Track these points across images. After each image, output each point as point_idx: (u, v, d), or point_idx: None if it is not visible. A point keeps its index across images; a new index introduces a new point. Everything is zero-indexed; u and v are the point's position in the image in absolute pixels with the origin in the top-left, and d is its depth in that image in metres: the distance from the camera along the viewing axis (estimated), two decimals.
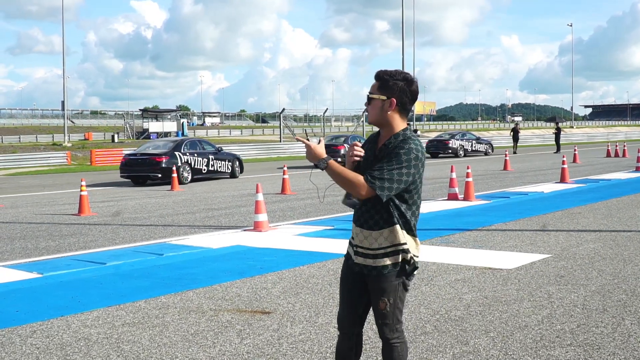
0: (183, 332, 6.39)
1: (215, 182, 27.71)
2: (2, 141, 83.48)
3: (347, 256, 4.16)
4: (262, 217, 12.89)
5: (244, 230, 12.94)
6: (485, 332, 6.09)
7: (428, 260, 9.35)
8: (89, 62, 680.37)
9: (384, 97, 3.93)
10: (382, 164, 3.83)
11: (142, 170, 26.85)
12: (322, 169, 3.83)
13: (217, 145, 30.44)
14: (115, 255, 10.60)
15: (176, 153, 26.86)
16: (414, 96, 3.98)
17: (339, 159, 21.07)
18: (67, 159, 47.99)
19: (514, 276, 8.31)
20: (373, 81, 4.01)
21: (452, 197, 17.20)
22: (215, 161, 28.60)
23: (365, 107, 4.04)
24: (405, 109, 3.98)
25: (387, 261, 3.93)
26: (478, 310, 6.83)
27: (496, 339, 5.87)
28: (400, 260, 3.93)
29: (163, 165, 26.22)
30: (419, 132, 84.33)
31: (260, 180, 26.81)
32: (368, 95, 3.99)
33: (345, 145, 35.77)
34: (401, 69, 4.07)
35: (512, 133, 50.10)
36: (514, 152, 46.03)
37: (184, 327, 6.56)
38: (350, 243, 4.15)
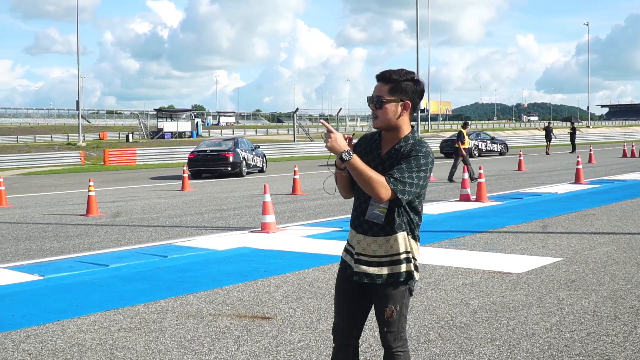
0: (179, 338, 6.21)
1: (226, 182, 27.60)
2: (17, 140, 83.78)
3: (344, 265, 3.96)
4: (270, 218, 12.71)
5: (251, 232, 12.76)
6: (491, 340, 5.88)
7: (436, 264, 9.14)
8: (105, 61, 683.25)
9: (399, 100, 3.73)
10: (402, 166, 3.63)
11: (213, 165, 30.42)
12: (345, 161, 3.58)
13: (254, 144, 33.99)
14: (119, 257, 10.44)
15: (238, 150, 30.73)
16: (422, 97, 3.82)
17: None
18: (80, 159, 48.03)
19: (523, 281, 8.08)
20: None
21: (464, 198, 16.97)
22: (255, 157, 32.64)
23: (373, 111, 3.79)
24: (414, 110, 3.81)
25: (395, 269, 3.75)
26: (485, 316, 6.61)
27: (502, 348, 5.65)
28: (405, 269, 3.76)
29: (231, 160, 30.14)
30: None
31: (273, 180, 26.72)
32: (381, 99, 3.73)
33: None
34: (405, 68, 3.81)
35: (544, 133, 48.70)
36: (547, 153, 45.18)
37: (181, 332, 6.38)
38: (347, 251, 3.95)
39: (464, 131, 24.18)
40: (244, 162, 30.97)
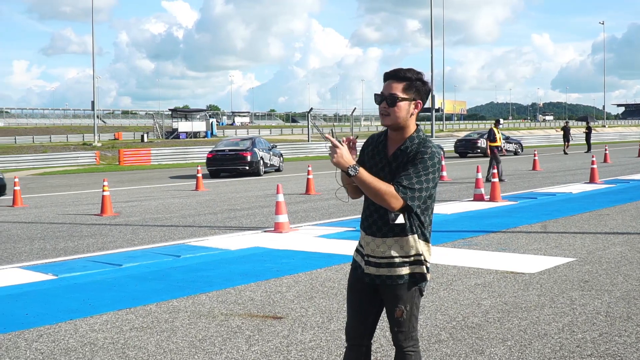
0: (191, 337, 6.23)
1: (240, 182, 27.64)
2: (33, 141, 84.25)
3: (355, 265, 3.95)
4: (283, 218, 12.72)
5: (264, 232, 12.78)
6: (502, 340, 5.85)
7: (448, 264, 9.12)
8: (121, 62, 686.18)
9: (411, 99, 3.72)
10: (409, 171, 3.60)
11: (231, 164, 30.92)
12: (352, 176, 3.56)
13: (271, 144, 34.63)
14: (132, 256, 10.48)
15: (255, 149, 31.21)
16: (428, 97, 3.81)
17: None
18: (95, 159, 48.22)
19: (536, 281, 8.05)
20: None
21: (478, 197, 16.92)
22: (272, 156, 33.16)
23: (385, 108, 3.73)
24: (421, 111, 3.80)
25: (404, 271, 3.74)
26: (497, 317, 6.59)
27: (513, 348, 5.63)
28: (417, 270, 3.76)
29: (249, 159, 30.69)
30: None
31: (287, 179, 26.75)
32: (396, 97, 3.69)
33: None
34: (414, 68, 3.79)
35: (562, 132, 48.08)
36: (565, 153, 44.78)
37: (193, 332, 6.39)
38: (358, 252, 3.94)
39: (496, 129, 23.64)
40: (262, 161, 31.42)
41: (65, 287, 8.55)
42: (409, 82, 3.70)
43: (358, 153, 3.86)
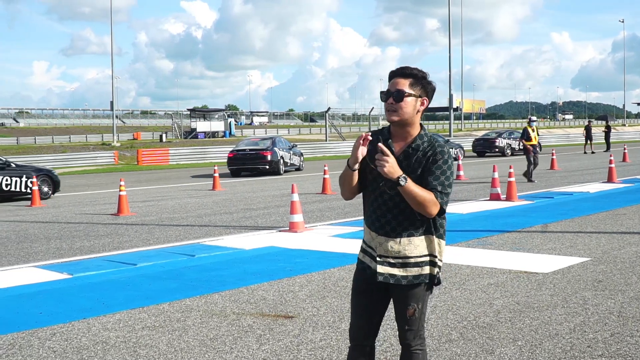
0: (202, 336, 6.26)
1: (257, 181, 27.71)
2: (52, 141, 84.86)
3: (363, 266, 3.92)
4: (298, 217, 12.74)
5: (279, 231, 12.81)
6: (513, 340, 5.84)
7: (462, 263, 9.11)
8: (140, 62, 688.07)
9: (417, 95, 3.73)
10: (438, 175, 3.63)
11: (251, 163, 31.46)
12: (401, 186, 3.55)
13: (291, 143, 35.37)
14: (147, 256, 10.54)
15: (275, 149, 31.63)
16: (433, 96, 3.83)
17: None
18: (114, 159, 48.48)
19: (549, 280, 8.02)
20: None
21: (494, 197, 16.87)
22: (292, 156, 33.64)
23: (392, 104, 3.73)
24: (427, 109, 3.82)
25: (420, 271, 3.75)
26: (508, 316, 6.57)
27: (524, 348, 5.61)
28: (430, 271, 3.77)
29: (269, 158, 31.05)
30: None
31: (304, 179, 26.80)
32: (403, 92, 3.70)
33: None
34: (417, 67, 3.81)
35: (584, 132, 47.53)
36: (585, 152, 44.32)
37: (204, 331, 6.42)
38: (365, 252, 3.93)
39: (530, 127, 23.27)
40: (281, 160, 31.86)
41: (80, 286, 8.61)
42: (415, 78, 3.72)
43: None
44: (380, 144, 3.57)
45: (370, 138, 3.69)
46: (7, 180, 21.31)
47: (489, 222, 13.25)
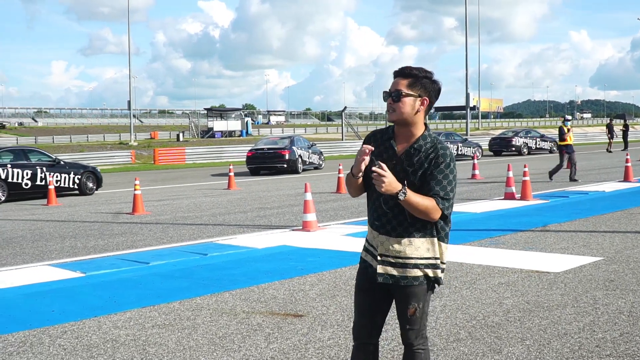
0: (211, 335, 6.29)
1: (273, 180, 27.76)
2: (70, 140, 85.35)
3: (365, 265, 3.94)
4: (311, 216, 12.76)
5: (292, 230, 12.83)
6: (521, 339, 5.83)
7: (474, 263, 9.09)
8: (157, 62, 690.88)
9: (417, 95, 3.73)
10: (440, 180, 3.64)
11: (269, 162, 31.94)
12: (400, 200, 3.56)
13: (310, 142, 35.76)
14: (160, 255, 10.59)
15: (293, 147, 32.04)
16: (438, 96, 3.81)
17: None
18: (131, 158, 48.69)
19: (560, 280, 7.99)
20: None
21: (509, 196, 16.81)
22: (311, 154, 34.05)
23: (390, 104, 3.77)
24: (430, 109, 3.80)
25: (419, 272, 3.74)
26: (517, 316, 6.56)
27: (531, 348, 5.60)
28: (432, 274, 3.77)
29: (287, 157, 31.57)
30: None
31: (320, 178, 26.84)
32: (400, 92, 3.71)
33: None
34: (423, 67, 3.80)
35: (607, 130, 47.05)
36: (608, 151, 43.91)
37: (213, 329, 6.45)
38: (367, 251, 3.94)
39: (564, 126, 22.58)
40: (300, 159, 32.26)
41: (93, 284, 8.67)
42: (414, 78, 3.72)
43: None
44: (374, 168, 3.54)
45: (372, 149, 3.69)
46: (57, 177, 22.52)
47: (503, 221, 13.21)
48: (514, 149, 44.33)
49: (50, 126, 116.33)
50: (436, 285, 3.82)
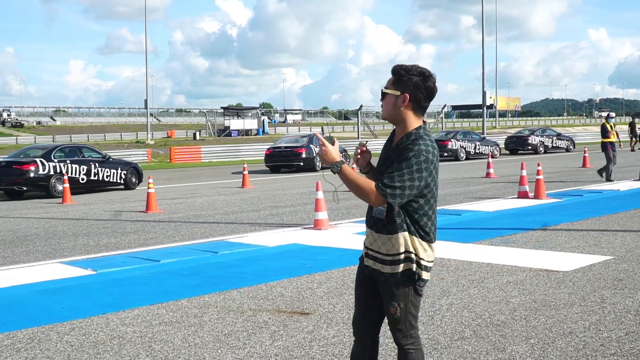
0: (217, 332, 6.32)
1: (287, 179, 27.80)
2: (88, 139, 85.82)
3: (361, 258, 4.02)
4: (322, 215, 12.78)
5: (304, 229, 12.86)
6: (525, 338, 5.82)
7: (482, 261, 9.08)
8: (175, 61, 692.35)
9: (398, 93, 3.75)
10: (392, 169, 3.65)
11: (286, 160, 32.73)
12: (335, 173, 3.70)
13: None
14: (171, 252, 10.64)
15: (311, 146, 32.33)
16: (429, 93, 3.77)
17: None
18: (147, 157, 48.91)
19: (569, 279, 7.97)
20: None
21: (522, 195, 16.76)
22: None
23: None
24: (420, 106, 3.78)
25: (395, 268, 3.75)
26: (523, 314, 6.55)
27: (536, 346, 5.59)
28: (409, 269, 3.76)
29: (303, 156, 32.19)
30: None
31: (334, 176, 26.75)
32: (382, 90, 3.83)
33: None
34: (419, 65, 3.82)
35: (629, 129, 46.37)
36: (632, 150, 43.34)
37: (219, 327, 6.49)
38: (364, 245, 3.99)
39: (608, 124, 21.95)
40: (317, 157, 32.00)
41: (103, 282, 8.73)
42: (397, 76, 3.77)
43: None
44: (316, 133, 4.05)
45: (364, 143, 3.97)
46: (107, 172, 24.63)
47: (515, 220, 13.17)
48: (530, 147, 44.19)
49: (68, 125, 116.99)
50: (419, 283, 3.80)
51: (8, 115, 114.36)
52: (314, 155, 32.17)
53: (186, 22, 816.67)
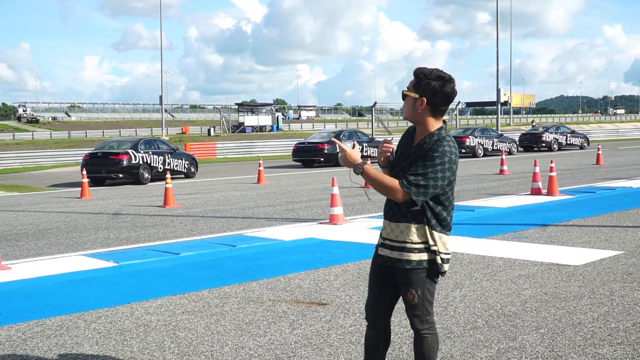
0: (238, 321, 6.56)
1: (302, 175, 28.02)
2: (103, 135, 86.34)
3: (377, 248, 4.25)
4: (338, 210, 13.00)
5: (320, 223, 13.08)
6: (535, 328, 6.03)
7: (495, 255, 9.29)
8: (190, 57, 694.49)
9: (416, 95, 3.97)
10: (417, 167, 3.88)
11: (310, 155, 34.54)
12: (358, 174, 3.94)
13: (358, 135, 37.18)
14: (190, 246, 10.90)
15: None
16: (446, 97, 3.96)
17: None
18: None
19: (579, 273, 8.17)
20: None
21: (535, 191, 16.93)
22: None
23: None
24: (437, 110, 3.99)
25: (413, 257, 3.98)
26: (534, 306, 6.76)
27: (545, 336, 5.80)
28: (427, 258, 3.99)
29: (325, 152, 33.85)
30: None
31: (347, 172, 26.96)
32: (403, 92, 4.05)
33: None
34: (439, 69, 4.04)
35: None
36: None
37: (240, 316, 6.73)
38: (380, 234, 4.22)
39: None
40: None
41: (125, 273, 9.00)
42: (417, 79, 3.99)
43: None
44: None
45: (390, 140, 4.18)
46: (176, 162, 28.26)
47: (528, 216, 13.35)
48: (544, 144, 44.24)
49: (83, 121, 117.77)
50: (437, 274, 4.04)
51: (24, 110, 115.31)
52: (337, 150, 32.23)
53: (201, 19, 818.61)
